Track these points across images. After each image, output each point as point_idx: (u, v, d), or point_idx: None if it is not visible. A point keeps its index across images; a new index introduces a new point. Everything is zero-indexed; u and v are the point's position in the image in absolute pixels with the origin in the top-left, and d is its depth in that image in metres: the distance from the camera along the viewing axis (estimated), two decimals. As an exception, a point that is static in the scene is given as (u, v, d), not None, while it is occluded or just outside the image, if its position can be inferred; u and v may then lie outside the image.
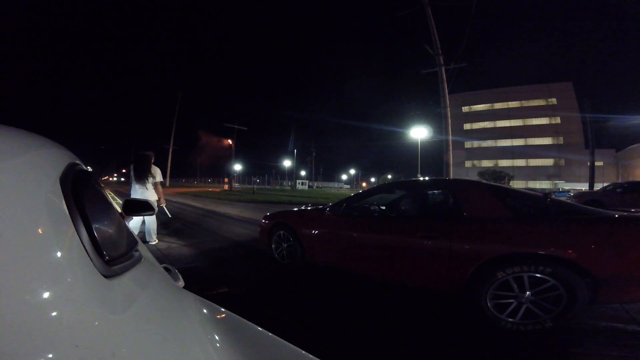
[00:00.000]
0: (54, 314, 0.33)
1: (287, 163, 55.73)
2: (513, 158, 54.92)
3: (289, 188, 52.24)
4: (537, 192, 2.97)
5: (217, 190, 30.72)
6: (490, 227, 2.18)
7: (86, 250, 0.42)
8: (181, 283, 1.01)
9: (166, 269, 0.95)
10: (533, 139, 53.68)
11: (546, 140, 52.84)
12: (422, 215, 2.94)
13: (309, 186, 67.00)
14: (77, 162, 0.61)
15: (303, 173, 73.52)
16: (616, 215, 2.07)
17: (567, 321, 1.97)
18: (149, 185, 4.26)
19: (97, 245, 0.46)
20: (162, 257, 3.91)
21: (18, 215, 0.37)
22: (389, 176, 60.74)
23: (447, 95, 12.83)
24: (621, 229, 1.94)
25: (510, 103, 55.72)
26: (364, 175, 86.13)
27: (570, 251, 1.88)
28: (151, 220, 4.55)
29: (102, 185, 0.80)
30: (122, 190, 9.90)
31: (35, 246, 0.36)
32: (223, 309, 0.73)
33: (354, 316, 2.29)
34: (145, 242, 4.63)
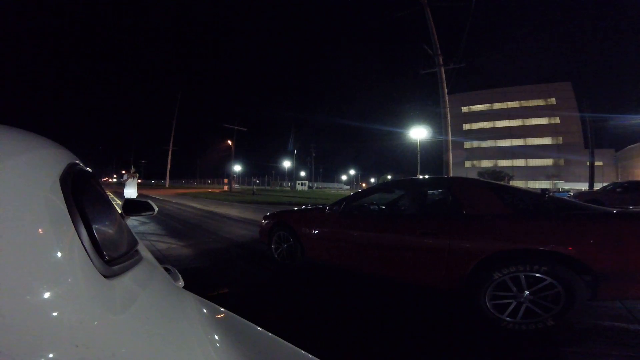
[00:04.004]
0: (54, 314, 0.33)
1: (286, 164, 55.71)
2: (512, 158, 54.90)
3: (289, 189, 52.23)
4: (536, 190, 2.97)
5: (217, 191, 30.73)
6: (489, 223, 2.18)
7: (86, 251, 0.42)
8: (181, 283, 1.01)
9: (166, 269, 0.95)
10: (532, 139, 53.67)
11: (545, 140, 52.82)
12: (421, 213, 2.94)
13: (309, 187, 66.98)
14: (77, 162, 0.61)
15: (303, 174, 73.61)
16: (615, 211, 2.07)
17: (569, 320, 1.97)
18: (134, 183, 9.23)
19: (97, 246, 0.46)
20: (162, 257, 3.91)
21: (18, 215, 0.37)
22: (389, 177, 60.74)
23: (446, 95, 12.84)
24: (621, 225, 1.94)
25: (509, 103, 55.72)
26: (363, 175, 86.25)
27: (570, 247, 1.88)
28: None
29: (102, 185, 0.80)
30: (122, 192, 9.93)
31: (35, 246, 0.36)
32: (223, 309, 0.73)
33: (354, 316, 2.29)
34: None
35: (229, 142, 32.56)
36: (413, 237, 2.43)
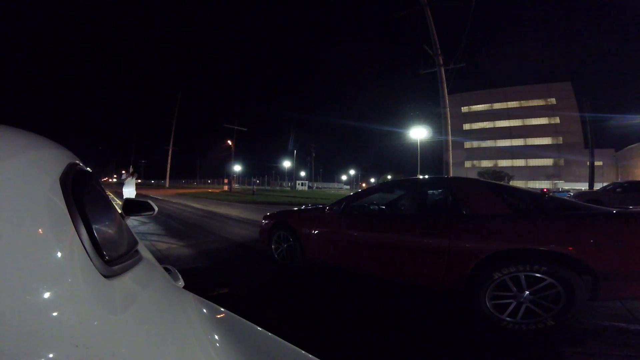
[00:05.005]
0: (54, 314, 0.33)
1: (286, 164, 55.76)
2: (512, 158, 54.90)
3: (289, 189, 52.25)
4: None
5: (217, 191, 30.74)
6: (489, 223, 2.18)
7: (86, 251, 0.42)
8: (181, 283, 1.01)
9: (166, 269, 0.95)
10: (532, 139, 53.67)
11: (545, 140, 52.82)
12: (421, 213, 2.94)
13: (309, 187, 66.98)
14: (77, 162, 0.61)
15: (303, 174, 73.66)
16: (615, 211, 2.07)
17: (569, 320, 1.97)
18: (133, 182, 9.35)
19: (97, 246, 0.46)
20: (162, 257, 3.91)
21: (18, 215, 0.37)
22: (389, 177, 60.72)
23: (446, 95, 12.84)
24: (621, 225, 1.94)
25: (509, 103, 55.72)
26: (363, 175, 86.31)
27: (570, 247, 1.88)
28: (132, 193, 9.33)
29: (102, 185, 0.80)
30: (122, 191, 9.97)
31: (35, 246, 0.36)
32: (223, 309, 0.73)
33: (354, 316, 2.29)
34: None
35: (229, 142, 32.57)
36: (413, 237, 2.43)
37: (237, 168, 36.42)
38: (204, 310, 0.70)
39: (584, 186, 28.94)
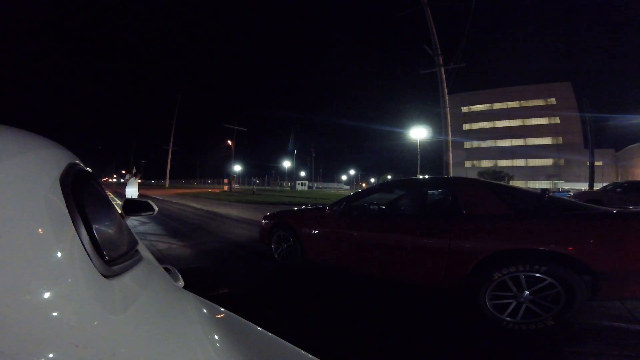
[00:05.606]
0: (54, 314, 0.33)
1: (286, 164, 55.75)
2: (512, 158, 54.87)
3: (289, 189, 52.28)
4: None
5: (217, 191, 30.74)
6: (489, 223, 2.18)
7: (86, 251, 0.42)
8: (181, 283, 1.01)
9: (166, 269, 0.95)
10: (532, 139, 53.66)
11: (545, 140, 52.81)
12: (421, 213, 2.94)
13: (309, 187, 67.03)
14: (77, 162, 0.61)
15: (303, 174, 73.70)
16: (615, 211, 2.08)
17: (569, 320, 1.97)
18: (136, 182, 9.56)
19: (97, 246, 0.46)
20: (162, 257, 3.91)
21: (18, 215, 0.37)
22: (389, 177, 60.76)
23: (446, 95, 12.82)
24: (620, 225, 1.94)
25: (509, 103, 55.70)
26: (363, 175, 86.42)
27: (570, 247, 1.88)
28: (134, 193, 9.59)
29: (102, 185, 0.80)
30: (122, 192, 10.01)
31: (35, 246, 0.36)
32: (223, 309, 0.73)
33: (353, 316, 2.29)
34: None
35: (229, 142, 32.49)
36: (413, 237, 2.43)
37: (237, 168, 36.35)
38: (204, 310, 0.70)
39: (584, 186, 28.92)
